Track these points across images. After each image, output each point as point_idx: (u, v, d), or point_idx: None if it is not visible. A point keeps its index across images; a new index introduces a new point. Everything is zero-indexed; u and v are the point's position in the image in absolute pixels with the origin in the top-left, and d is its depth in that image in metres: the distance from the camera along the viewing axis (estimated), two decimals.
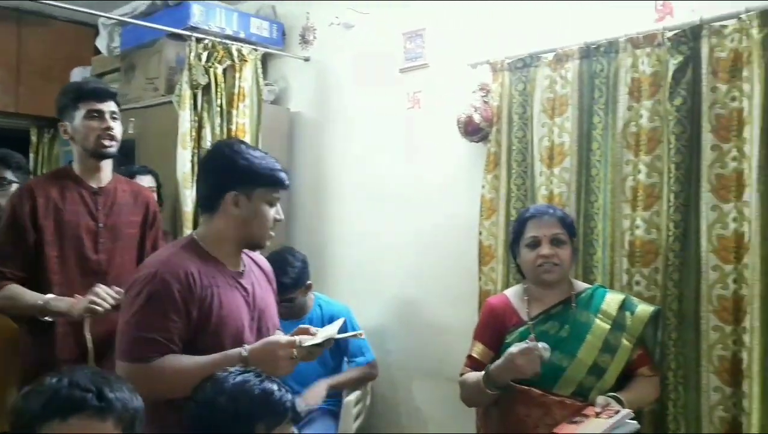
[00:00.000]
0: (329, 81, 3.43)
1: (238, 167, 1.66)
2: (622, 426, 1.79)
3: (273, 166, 1.69)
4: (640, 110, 2.28)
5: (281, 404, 1.27)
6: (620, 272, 2.31)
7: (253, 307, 1.70)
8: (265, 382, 1.29)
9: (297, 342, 1.52)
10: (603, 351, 1.97)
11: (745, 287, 2.02)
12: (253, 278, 1.75)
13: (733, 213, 2.07)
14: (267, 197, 1.68)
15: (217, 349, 1.54)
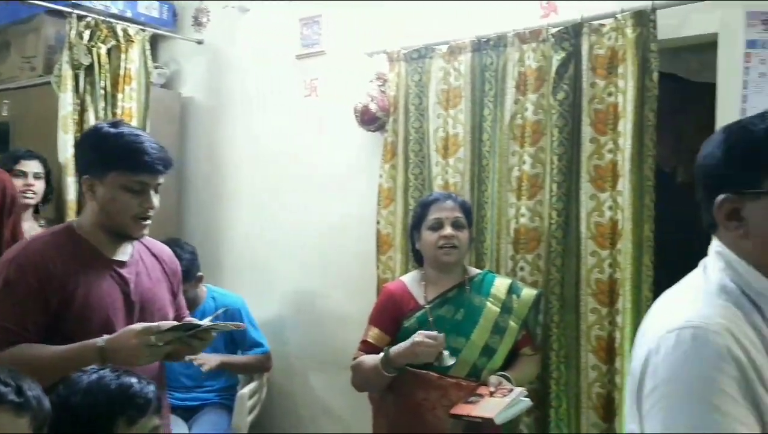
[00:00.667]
0: (223, 66, 3.34)
1: (89, 149, 1.58)
2: (517, 404, 1.89)
3: (131, 147, 1.55)
4: (526, 103, 2.38)
5: (141, 397, 1.24)
6: (506, 259, 2.42)
7: (131, 298, 1.62)
8: (123, 377, 1.25)
9: (155, 328, 1.46)
10: (493, 333, 2.06)
11: (618, 271, 2.17)
12: (140, 269, 1.67)
13: (609, 202, 2.22)
14: (124, 181, 1.56)
15: (84, 338, 1.47)
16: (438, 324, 2.02)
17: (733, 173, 0.93)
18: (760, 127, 0.93)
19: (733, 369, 0.83)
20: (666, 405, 0.86)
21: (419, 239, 2.17)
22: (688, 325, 0.88)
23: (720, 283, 0.94)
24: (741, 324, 0.88)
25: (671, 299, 0.99)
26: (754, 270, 0.92)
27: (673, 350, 0.87)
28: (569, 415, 2.27)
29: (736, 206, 0.93)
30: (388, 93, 2.69)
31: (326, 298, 2.99)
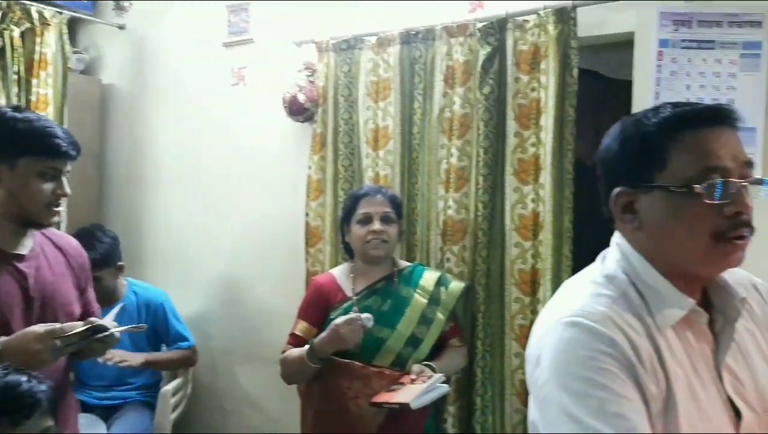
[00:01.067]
0: (147, 52, 3.24)
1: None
2: (434, 389, 1.93)
3: (44, 132, 1.51)
4: (454, 96, 2.42)
5: (29, 396, 1.19)
6: (436, 250, 2.45)
7: (30, 293, 1.54)
8: (11, 375, 1.20)
9: (59, 331, 1.41)
10: (420, 324, 2.09)
11: (540, 261, 2.24)
12: (41, 262, 1.59)
13: (532, 194, 2.28)
14: (37, 167, 1.51)
15: None
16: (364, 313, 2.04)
17: (627, 167, 0.95)
18: (652, 121, 0.94)
19: (617, 352, 0.85)
20: (553, 392, 0.87)
21: (348, 232, 2.18)
22: (573, 316, 0.89)
23: (610, 274, 0.96)
24: (625, 315, 0.90)
25: (567, 289, 1.01)
26: (646, 262, 0.94)
27: (558, 340, 0.89)
28: (494, 402, 2.33)
29: (630, 199, 0.95)
30: (317, 83, 2.67)
31: (253, 291, 2.95)
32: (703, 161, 0.89)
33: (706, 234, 0.89)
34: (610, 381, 0.84)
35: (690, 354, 0.92)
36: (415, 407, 1.83)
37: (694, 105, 0.95)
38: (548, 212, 2.21)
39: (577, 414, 0.83)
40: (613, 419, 0.82)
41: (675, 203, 0.90)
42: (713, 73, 1.99)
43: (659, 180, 0.91)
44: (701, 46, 2.02)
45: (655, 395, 0.86)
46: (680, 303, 0.92)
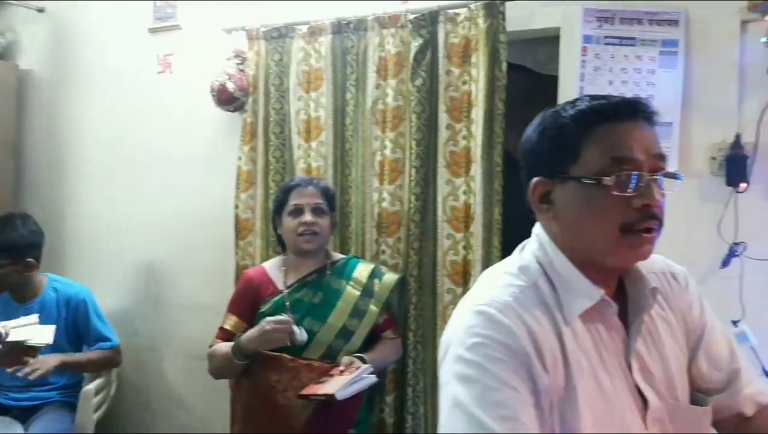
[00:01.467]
0: (68, 36, 3.10)
1: None
2: (361, 380, 1.93)
3: None
4: (387, 88, 2.42)
5: None
6: (370, 243, 2.45)
7: None
8: None
9: None
10: (352, 316, 2.09)
11: (471, 253, 2.27)
12: None
13: (463, 187, 2.31)
14: None
15: None
16: (295, 308, 2.03)
17: (545, 157, 0.96)
18: (569, 113, 0.95)
19: (513, 343, 0.87)
20: (450, 375, 0.90)
21: (280, 224, 2.15)
22: (480, 304, 0.91)
23: (523, 265, 0.98)
24: (531, 306, 0.92)
25: (483, 279, 1.03)
26: (560, 252, 0.96)
27: (463, 327, 0.91)
28: (425, 392, 2.35)
29: (547, 189, 0.96)
30: (247, 72, 2.62)
31: (181, 285, 2.88)
32: (613, 153, 0.90)
33: (614, 226, 0.90)
34: (499, 370, 0.86)
35: (598, 344, 0.94)
36: (341, 398, 1.83)
37: (609, 98, 0.96)
38: (479, 204, 2.24)
39: (462, 400, 0.86)
40: (494, 407, 0.84)
41: (586, 194, 0.91)
42: (634, 69, 2.07)
43: (573, 171, 0.92)
44: (623, 42, 2.09)
45: (551, 386, 0.88)
46: (589, 294, 0.93)
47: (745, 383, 1.04)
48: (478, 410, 0.84)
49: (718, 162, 2.02)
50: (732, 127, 2.01)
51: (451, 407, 0.87)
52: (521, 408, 0.85)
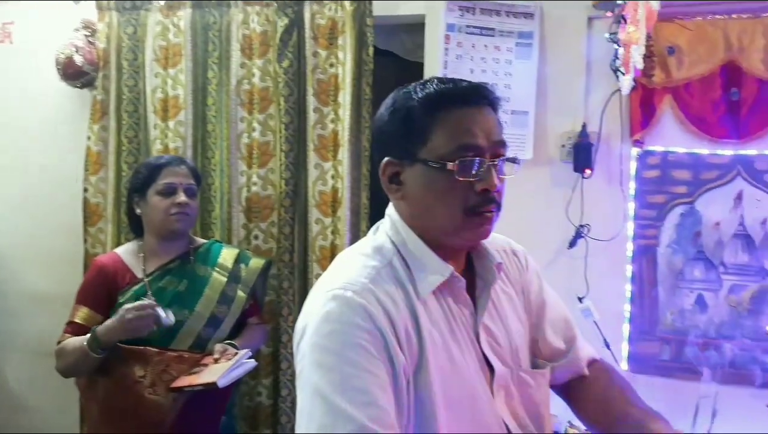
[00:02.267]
0: None
1: None
2: (241, 366, 1.89)
3: None
4: (253, 68, 2.35)
5: None
6: (238, 228, 2.39)
7: None
8: None
9: None
10: (220, 303, 2.02)
11: (338, 237, 2.28)
12: None
13: (331, 171, 2.31)
14: None
15: None
16: (158, 297, 1.92)
17: (395, 138, 0.98)
18: (418, 96, 0.97)
19: (371, 325, 0.89)
20: (307, 362, 0.90)
21: (144, 204, 1.99)
22: (336, 288, 0.92)
23: (378, 245, 1.00)
24: (386, 285, 0.94)
25: (338, 262, 1.04)
26: (410, 231, 0.99)
27: (320, 313, 0.91)
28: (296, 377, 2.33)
29: (396, 169, 0.98)
30: (97, 45, 2.43)
31: (23, 276, 2.68)
32: (457, 139, 0.94)
33: (458, 208, 0.95)
34: (358, 355, 0.88)
35: (449, 317, 0.98)
36: (223, 385, 1.78)
37: (457, 83, 0.99)
38: (346, 189, 2.26)
39: (322, 388, 0.87)
40: (354, 393, 0.86)
41: (433, 177, 0.95)
42: (493, 58, 2.17)
43: (421, 154, 0.95)
44: (483, 32, 2.18)
45: (406, 361, 0.91)
46: (440, 270, 0.97)
47: (580, 347, 1.16)
48: (338, 397, 0.85)
49: (567, 150, 2.17)
50: (580, 117, 2.17)
51: (311, 395, 0.88)
52: (381, 393, 0.87)
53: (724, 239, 2.04)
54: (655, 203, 2.11)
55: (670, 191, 2.09)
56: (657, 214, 2.10)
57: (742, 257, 2.02)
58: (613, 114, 2.12)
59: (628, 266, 2.12)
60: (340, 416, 0.85)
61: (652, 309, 2.09)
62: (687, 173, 2.08)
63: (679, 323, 2.07)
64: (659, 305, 2.09)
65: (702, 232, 2.06)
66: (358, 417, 0.84)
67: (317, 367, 0.88)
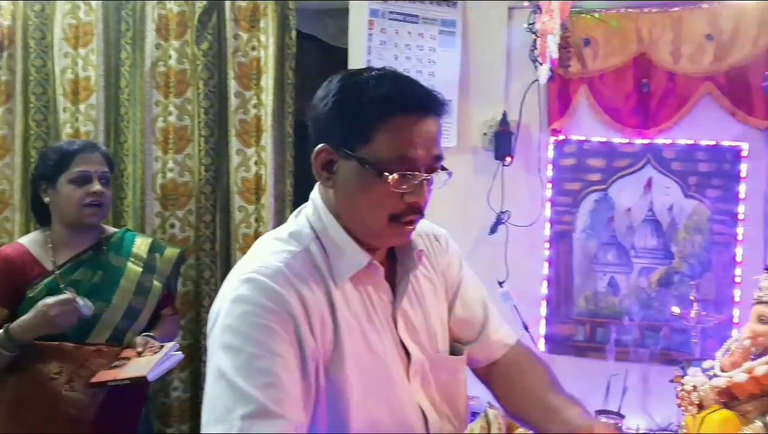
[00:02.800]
0: None
1: None
2: (169, 359, 1.85)
3: None
4: (169, 49, 2.28)
5: None
6: (152, 216, 2.31)
7: None
8: None
9: None
10: (136, 294, 1.96)
11: (262, 225, 2.25)
12: None
13: (255, 157, 2.27)
14: None
15: None
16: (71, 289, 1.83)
17: (337, 128, 0.96)
18: (372, 94, 0.95)
19: (281, 308, 0.90)
20: (216, 345, 0.90)
21: (54, 193, 1.88)
22: (250, 272, 0.93)
23: (296, 230, 1.01)
24: (302, 270, 0.95)
25: (255, 246, 1.04)
26: (333, 219, 1.00)
27: (232, 296, 0.92)
28: None
29: (331, 158, 0.98)
30: (1, 23, 2.28)
31: None
32: (400, 150, 0.94)
33: (385, 215, 0.96)
34: (266, 337, 0.89)
35: (367, 304, 1.00)
36: (153, 379, 1.74)
37: (412, 86, 0.98)
38: (270, 175, 2.23)
39: (225, 370, 0.87)
40: (257, 374, 0.87)
41: (366, 178, 0.95)
42: (417, 45, 2.18)
43: (360, 152, 0.94)
44: (407, 19, 2.19)
45: (318, 349, 0.93)
46: (359, 259, 0.99)
47: (494, 330, 1.18)
48: (241, 379, 0.86)
49: (488, 138, 2.22)
50: (500, 106, 2.22)
51: (216, 377, 0.88)
52: (286, 375, 0.88)
53: (635, 224, 2.14)
54: (571, 190, 2.19)
55: (585, 179, 2.18)
56: (573, 200, 2.19)
57: (651, 242, 2.13)
58: (533, 103, 2.18)
59: (546, 251, 2.20)
60: (242, 397, 0.85)
61: (568, 292, 2.18)
62: (601, 161, 2.17)
63: (593, 305, 2.17)
64: (574, 288, 2.18)
65: (614, 217, 2.16)
66: (260, 398, 0.85)
67: (224, 349, 0.88)
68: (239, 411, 0.84)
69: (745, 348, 1.40)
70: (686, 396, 1.44)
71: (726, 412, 1.37)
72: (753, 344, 1.39)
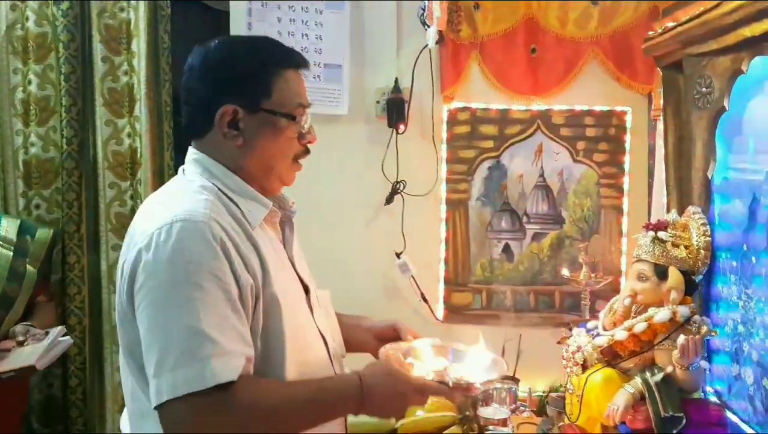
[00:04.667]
0: None
1: None
2: (58, 345, 1.79)
3: None
4: (26, 10, 2.10)
5: None
6: (16, 196, 2.14)
7: None
8: None
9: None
10: (10, 280, 1.86)
11: (139, 202, 2.14)
12: None
13: (127, 129, 2.14)
14: None
15: None
16: None
17: (239, 88, 1.06)
18: (264, 53, 1.08)
19: (220, 251, 0.96)
20: (156, 295, 0.94)
21: None
22: (177, 219, 0.96)
23: (200, 184, 1.06)
24: (224, 215, 1.02)
25: (156, 201, 1.07)
26: (230, 173, 1.07)
27: (164, 243, 0.95)
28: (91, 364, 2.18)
29: (237, 116, 1.06)
30: None
31: None
32: (297, 97, 1.10)
33: (290, 157, 1.11)
34: (209, 281, 0.94)
35: (274, 244, 1.11)
36: (42, 367, 1.71)
37: (286, 46, 1.14)
38: (146, 148, 2.10)
39: (178, 317, 0.92)
40: (212, 316, 0.93)
41: (276, 128, 1.08)
42: (302, 7, 2.11)
43: (266, 105, 1.07)
44: None
45: (253, 285, 1.00)
46: (264, 204, 1.09)
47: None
48: (197, 322, 0.91)
49: (381, 105, 2.19)
50: (392, 72, 2.19)
51: (164, 328, 0.92)
52: (233, 314, 0.95)
53: (527, 190, 2.19)
54: (465, 158, 2.21)
55: (478, 146, 2.21)
56: (467, 169, 2.21)
57: (542, 207, 2.19)
58: (425, 70, 2.17)
59: (442, 220, 2.21)
60: (204, 339, 0.91)
61: (465, 261, 2.22)
62: (493, 128, 2.20)
63: (489, 272, 2.21)
64: (471, 257, 2.21)
65: (507, 184, 2.20)
66: (219, 339, 0.92)
67: (169, 298, 0.92)
68: (206, 352, 0.90)
69: (626, 306, 1.47)
70: (570, 357, 1.49)
71: (608, 370, 1.43)
72: (633, 302, 1.45)
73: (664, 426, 1.31)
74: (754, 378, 1.56)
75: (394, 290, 2.21)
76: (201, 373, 0.89)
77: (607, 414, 1.37)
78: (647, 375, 1.37)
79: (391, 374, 1.05)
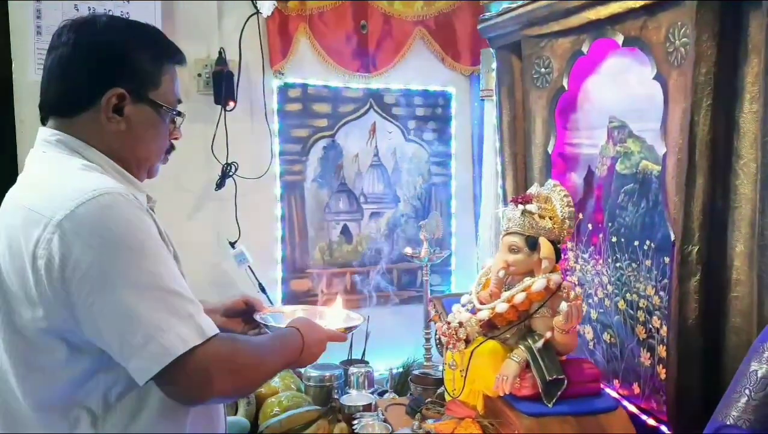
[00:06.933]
0: None
1: None
2: None
3: None
4: None
5: None
6: None
7: None
8: None
9: None
10: None
11: None
12: None
13: None
14: None
15: None
16: None
17: (128, 73, 1.04)
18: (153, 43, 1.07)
19: (149, 219, 0.96)
20: (107, 270, 0.90)
21: None
22: (98, 193, 0.92)
23: (82, 163, 1.01)
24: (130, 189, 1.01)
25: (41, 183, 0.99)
26: (106, 157, 1.04)
27: (91, 215, 0.90)
28: None
29: (122, 103, 1.04)
30: None
31: None
32: (176, 93, 1.11)
33: (163, 149, 1.13)
34: (157, 247, 0.95)
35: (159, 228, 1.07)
36: None
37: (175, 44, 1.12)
38: None
39: (147, 284, 0.91)
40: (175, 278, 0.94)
41: (158, 120, 1.08)
42: None
43: (152, 96, 1.06)
44: None
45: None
46: (142, 191, 1.08)
47: None
48: (168, 284, 0.92)
49: (204, 79, 1.98)
50: (216, 42, 1.98)
51: (136, 296, 0.89)
52: (179, 273, 0.97)
53: (363, 170, 2.17)
54: (299, 137, 2.12)
55: (312, 125, 2.13)
56: (301, 148, 2.12)
57: (378, 187, 2.18)
58: (254, 42, 2.01)
59: (278, 204, 2.08)
60: (182, 299, 0.93)
61: (303, 246, 2.12)
62: (327, 106, 2.14)
63: (329, 256, 2.15)
64: (309, 241, 2.12)
65: (343, 164, 2.15)
66: (191, 297, 0.95)
67: (126, 270, 0.90)
68: (188, 310, 0.93)
69: (500, 278, 1.51)
70: (453, 334, 1.49)
71: (492, 343, 1.47)
72: (507, 273, 1.50)
73: (550, 389, 1.38)
74: (594, 334, 1.73)
75: (228, 282, 2.03)
76: (198, 326, 0.93)
77: (496, 386, 1.40)
78: (529, 342, 1.43)
79: (313, 326, 1.21)
